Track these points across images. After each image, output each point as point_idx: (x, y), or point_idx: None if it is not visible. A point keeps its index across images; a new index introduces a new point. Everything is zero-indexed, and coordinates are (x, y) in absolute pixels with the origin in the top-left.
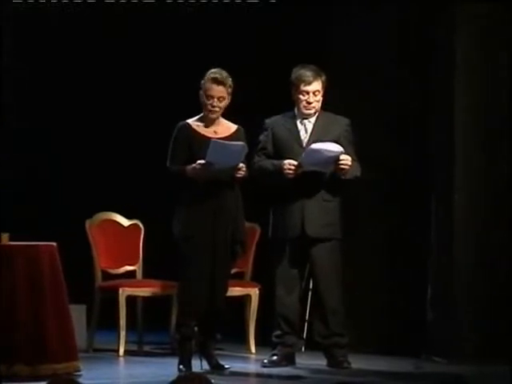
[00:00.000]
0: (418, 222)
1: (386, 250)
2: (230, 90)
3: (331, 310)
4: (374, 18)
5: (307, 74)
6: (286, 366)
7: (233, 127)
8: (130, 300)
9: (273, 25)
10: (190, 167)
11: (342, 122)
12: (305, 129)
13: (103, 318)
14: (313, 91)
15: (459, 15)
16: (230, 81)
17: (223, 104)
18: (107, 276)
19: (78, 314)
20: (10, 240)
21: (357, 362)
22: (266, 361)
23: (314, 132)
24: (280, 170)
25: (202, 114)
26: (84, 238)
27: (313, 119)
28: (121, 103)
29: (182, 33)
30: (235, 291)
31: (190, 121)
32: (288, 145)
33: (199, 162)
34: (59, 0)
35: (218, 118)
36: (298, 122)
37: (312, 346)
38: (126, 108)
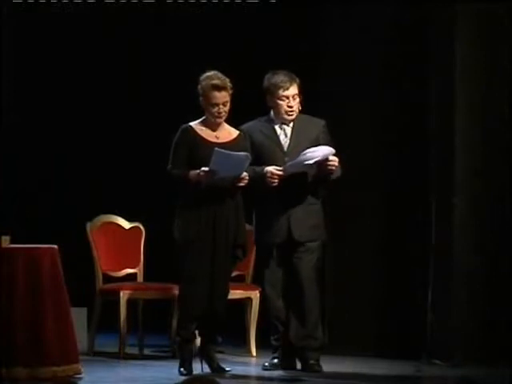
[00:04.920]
0: (418, 222)
1: (386, 251)
2: (231, 91)
3: (309, 310)
4: (374, 18)
5: (284, 79)
6: (286, 368)
7: (235, 132)
8: (131, 303)
9: (273, 25)
10: (193, 173)
11: (318, 124)
12: (284, 133)
13: (104, 321)
14: (292, 95)
15: (459, 15)
16: (229, 82)
17: (227, 107)
18: (108, 279)
19: (78, 316)
20: (11, 242)
21: (356, 366)
22: (266, 364)
23: (294, 136)
24: (262, 177)
25: (204, 117)
26: (85, 240)
27: (291, 123)
28: (121, 104)
29: (182, 33)
30: (236, 294)
31: (193, 124)
32: (269, 151)
33: (203, 169)
34: (59, 0)
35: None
36: (277, 127)
37: None
38: (126, 109)
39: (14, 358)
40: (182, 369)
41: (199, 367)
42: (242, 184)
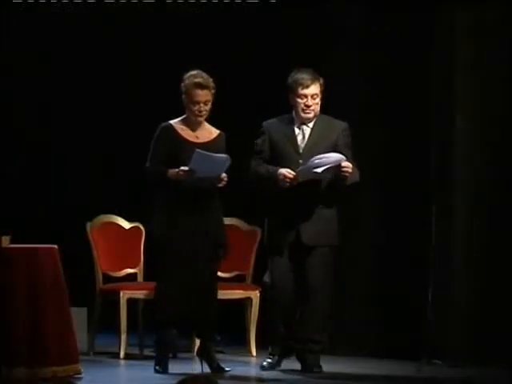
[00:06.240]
0: (418, 223)
1: (386, 251)
2: (213, 91)
3: (312, 314)
4: (374, 17)
5: (305, 77)
6: (285, 368)
7: (215, 132)
8: (131, 303)
9: (273, 25)
10: (172, 171)
11: (339, 127)
12: (302, 134)
13: (104, 321)
14: (311, 94)
15: (459, 15)
16: (211, 81)
17: (209, 106)
18: (108, 279)
19: (78, 316)
20: (11, 242)
21: (356, 366)
22: (265, 363)
23: (311, 138)
24: (275, 178)
25: (185, 116)
26: (85, 240)
27: (311, 124)
28: (121, 104)
29: (182, 33)
30: (236, 294)
31: (173, 122)
32: (285, 151)
33: (182, 168)
34: (59, 0)
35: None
36: (296, 127)
37: None
38: (126, 109)
39: (14, 358)
40: (157, 367)
41: (199, 367)
42: (221, 185)
